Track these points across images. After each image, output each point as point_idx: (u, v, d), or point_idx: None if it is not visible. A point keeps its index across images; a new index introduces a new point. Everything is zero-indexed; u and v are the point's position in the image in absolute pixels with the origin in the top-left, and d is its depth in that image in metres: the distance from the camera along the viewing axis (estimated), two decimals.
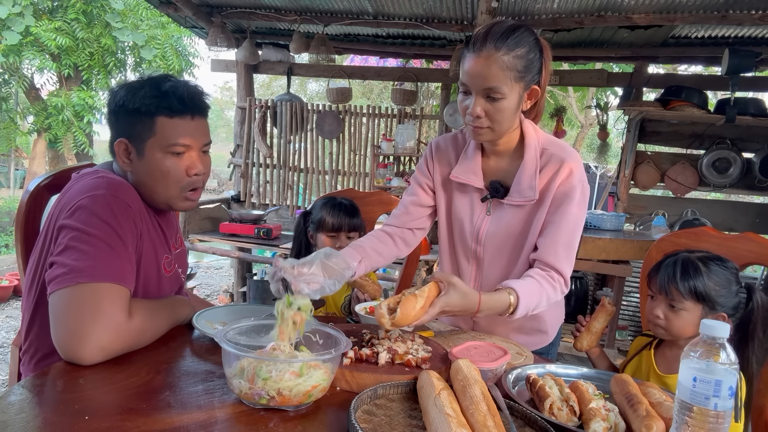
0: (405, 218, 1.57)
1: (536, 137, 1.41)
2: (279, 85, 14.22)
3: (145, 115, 1.23)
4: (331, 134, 5.16)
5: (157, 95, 1.23)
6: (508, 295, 1.25)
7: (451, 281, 1.19)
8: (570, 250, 1.37)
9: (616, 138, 8.72)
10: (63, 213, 1.17)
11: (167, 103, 1.23)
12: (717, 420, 0.76)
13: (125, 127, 1.26)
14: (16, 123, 8.63)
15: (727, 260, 1.38)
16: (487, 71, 1.25)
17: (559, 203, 1.37)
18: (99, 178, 1.23)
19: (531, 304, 1.28)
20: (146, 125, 1.24)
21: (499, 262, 1.48)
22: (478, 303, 1.21)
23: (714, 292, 1.33)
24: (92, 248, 1.12)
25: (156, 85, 1.25)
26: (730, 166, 4.42)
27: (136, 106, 1.23)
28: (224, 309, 1.46)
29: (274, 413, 0.94)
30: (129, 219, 1.20)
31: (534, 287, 1.30)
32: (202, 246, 4.49)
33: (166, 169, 1.26)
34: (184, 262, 1.51)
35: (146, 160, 1.25)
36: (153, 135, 1.24)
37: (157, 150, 1.25)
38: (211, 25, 4.73)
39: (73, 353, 1.06)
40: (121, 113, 1.26)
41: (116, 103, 1.26)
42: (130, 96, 1.24)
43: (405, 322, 1.13)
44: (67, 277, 1.09)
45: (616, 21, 4.00)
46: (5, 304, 4.90)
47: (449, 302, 1.18)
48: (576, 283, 4.02)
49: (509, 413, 0.93)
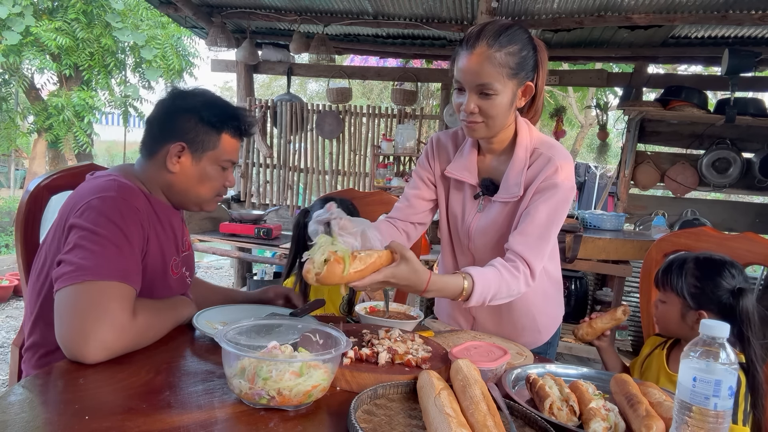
0: (408, 211, 1.58)
1: (529, 136, 1.41)
2: (279, 85, 14.21)
3: (214, 129, 1.35)
4: (331, 134, 5.17)
5: (230, 116, 1.37)
6: (463, 279, 1.23)
7: (405, 255, 1.17)
8: (541, 241, 1.34)
9: (616, 138, 8.72)
10: (73, 211, 1.20)
11: (236, 125, 1.38)
12: (717, 420, 0.76)
13: (189, 132, 1.33)
14: (16, 123, 8.63)
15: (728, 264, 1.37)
16: (480, 68, 1.26)
17: (538, 197, 1.36)
18: (111, 181, 1.26)
19: (488, 292, 1.26)
20: (212, 138, 1.35)
21: (490, 258, 1.48)
22: (427, 282, 1.18)
23: (693, 289, 1.35)
24: (99, 247, 1.14)
25: (229, 106, 1.39)
26: (730, 166, 4.42)
27: (212, 120, 1.34)
28: (224, 309, 1.46)
29: (274, 413, 0.94)
30: (136, 221, 1.22)
31: (493, 275, 1.28)
32: (202, 246, 4.49)
33: (213, 179, 1.38)
34: (191, 264, 1.53)
35: (200, 167, 1.36)
36: (214, 148, 1.35)
37: (212, 162, 1.36)
38: (211, 25, 4.74)
39: (76, 351, 1.07)
40: (188, 119, 1.33)
41: (184, 108, 1.34)
42: (207, 108, 1.34)
43: (330, 281, 1.08)
44: (74, 275, 1.10)
45: (616, 21, 4.00)
46: (5, 304, 4.90)
47: (396, 274, 1.15)
48: (576, 283, 4.02)
49: (509, 413, 0.93)
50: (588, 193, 7.85)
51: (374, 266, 1.13)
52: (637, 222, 4.65)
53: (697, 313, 1.36)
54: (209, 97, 1.38)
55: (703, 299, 1.35)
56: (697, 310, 1.35)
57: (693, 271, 1.37)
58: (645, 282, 1.71)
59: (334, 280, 1.09)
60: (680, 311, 1.39)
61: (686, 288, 1.37)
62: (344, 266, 1.08)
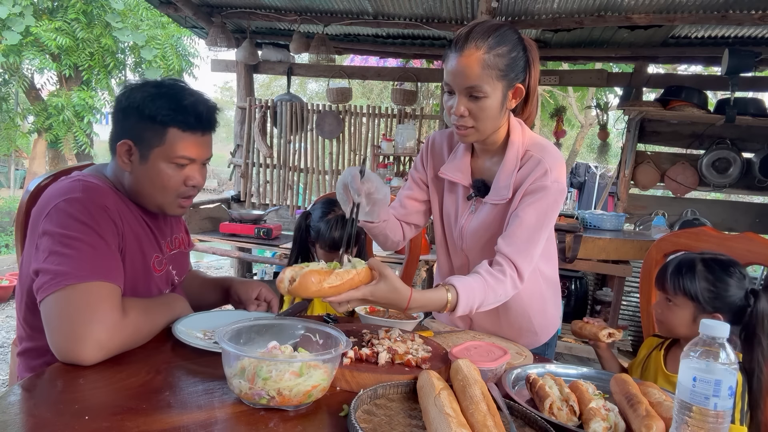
0: (401, 212, 1.59)
1: (522, 138, 1.40)
2: (279, 85, 14.22)
3: (159, 124, 1.23)
4: (331, 134, 5.16)
5: (176, 108, 1.24)
6: (446, 292, 1.22)
7: (384, 272, 1.16)
8: (529, 244, 1.34)
9: (616, 138, 8.72)
10: (41, 217, 1.18)
11: (183, 118, 1.24)
12: (717, 420, 0.76)
13: (134, 129, 1.25)
14: (16, 123, 8.63)
15: (734, 265, 1.37)
16: (469, 70, 1.25)
17: (527, 199, 1.35)
18: (75, 182, 1.23)
19: (473, 301, 1.25)
20: (157, 134, 1.24)
21: (483, 258, 1.48)
22: (408, 299, 1.17)
23: (707, 293, 1.34)
24: (73, 250, 1.12)
25: (176, 97, 1.25)
26: (730, 166, 4.42)
27: (151, 113, 1.23)
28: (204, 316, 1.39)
29: (274, 413, 0.94)
30: (107, 219, 1.19)
31: (477, 283, 1.26)
32: (202, 246, 4.48)
33: (167, 178, 1.27)
34: (182, 264, 1.50)
35: (148, 167, 1.26)
36: (161, 144, 1.24)
37: (162, 159, 1.25)
38: (211, 25, 4.73)
39: (71, 355, 1.06)
40: (132, 115, 1.25)
41: (129, 103, 1.25)
42: (148, 102, 1.24)
43: (302, 293, 1.07)
44: (54, 282, 1.09)
45: (616, 21, 4.00)
46: (5, 304, 4.90)
47: (375, 293, 1.14)
48: (576, 283, 4.02)
49: (509, 413, 0.93)
50: (588, 193, 7.86)
51: (351, 283, 1.11)
52: (637, 222, 4.65)
53: (711, 316, 1.34)
54: (158, 89, 1.26)
55: (717, 302, 1.34)
56: (712, 314, 1.34)
57: (704, 274, 1.35)
58: (645, 282, 1.71)
59: (306, 293, 1.07)
60: (692, 314, 1.37)
61: (700, 292, 1.35)
62: (322, 277, 1.06)
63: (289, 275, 1.07)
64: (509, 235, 1.34)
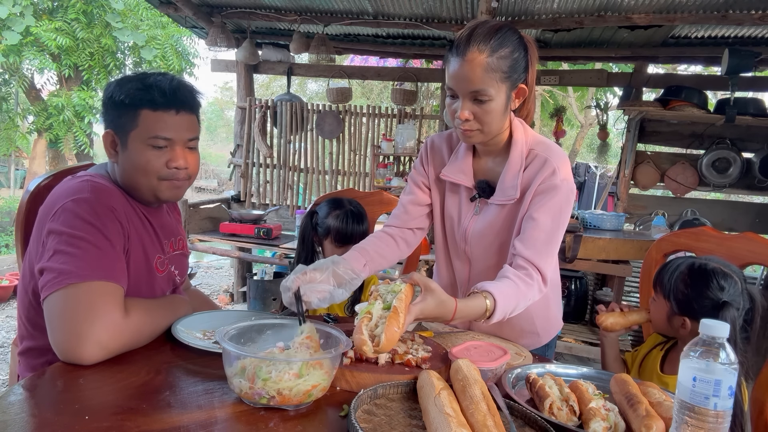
0: (405, 218, 1.56)
1: (524, 137, 1.40)
2: (279, 85, 14.21)
3: (129, 107, 1.25)
4: (331, 134, 5.17)
5: (141, 88, 1.25)
6: (485, 299, 1.20)
7: (430, 286, 1.14)
8: (549, 246, 1.33)
9: (616, 138, 8.73)
10: (48, 216, 1.18)
11: (150, 96, 1.24)
12: (717, 420, 0.76)
13: (113, 119, 1.28)
14: (16, 123, 8.63)
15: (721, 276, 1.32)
16: (472, 74, 1.24)
17: (539, 200, 1.34)
18: (83, 182, 1.24)
19: (508, 307, 1.24)
20: (130, 117, 1.25)
21: (487, 262, 1.47)
22: (454, 311, 1.16)
23: (681, 296, 1.35)
24: (79, 250, 1.13)
25: (143, 78, 1.27)
26: (730, 166, 4.42)
27: (121, 98, 1.25)
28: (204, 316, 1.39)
29: (274, 413, 0.95)
30: (114, 220, 1.20)
31: (511, 289, 1.25)
32: (202, 246, 4.49)
33: (146, 161, 1.26)
34: (183, 264, 1.51)
35: (129, 152, 1.26)
36: (136, 127, 1.25)
37: (138, 142, 1.26)
38: (211, 25, 4.74)
39: (72, 354, 1.06)
40: (109, 105, 1.28)
41: (106, 96, 1.29)
42: (118, 89, 1.26)
43: (390, 348, 1.07)
44: (58, 280, 1.10)
45: (616, 21, 4.00)
46: (5, 304, 4.90)
47: (424, 311, 1.13)
48: (576, 283, 4.02)
49: (509, 413, 0.93)
50: (588, 193, 7.85)
51: (406, 308, 1.11)
52: (637, 222, 4.65)
53: (681, 318, 1.36)
54: (126, 77, 1.28)
55: (686, 307, 1.34)
56: (681, 316, 1.35)
57: (684, 277, 1.35)
58: (645, 282, 1.72)
59: (395, 343, 1.07)
60: (667, 313, 1.39)
61: (673, 293, 1.36)
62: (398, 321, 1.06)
63: (366, 334, 1.06)
64: (527, 238, 1.32)
